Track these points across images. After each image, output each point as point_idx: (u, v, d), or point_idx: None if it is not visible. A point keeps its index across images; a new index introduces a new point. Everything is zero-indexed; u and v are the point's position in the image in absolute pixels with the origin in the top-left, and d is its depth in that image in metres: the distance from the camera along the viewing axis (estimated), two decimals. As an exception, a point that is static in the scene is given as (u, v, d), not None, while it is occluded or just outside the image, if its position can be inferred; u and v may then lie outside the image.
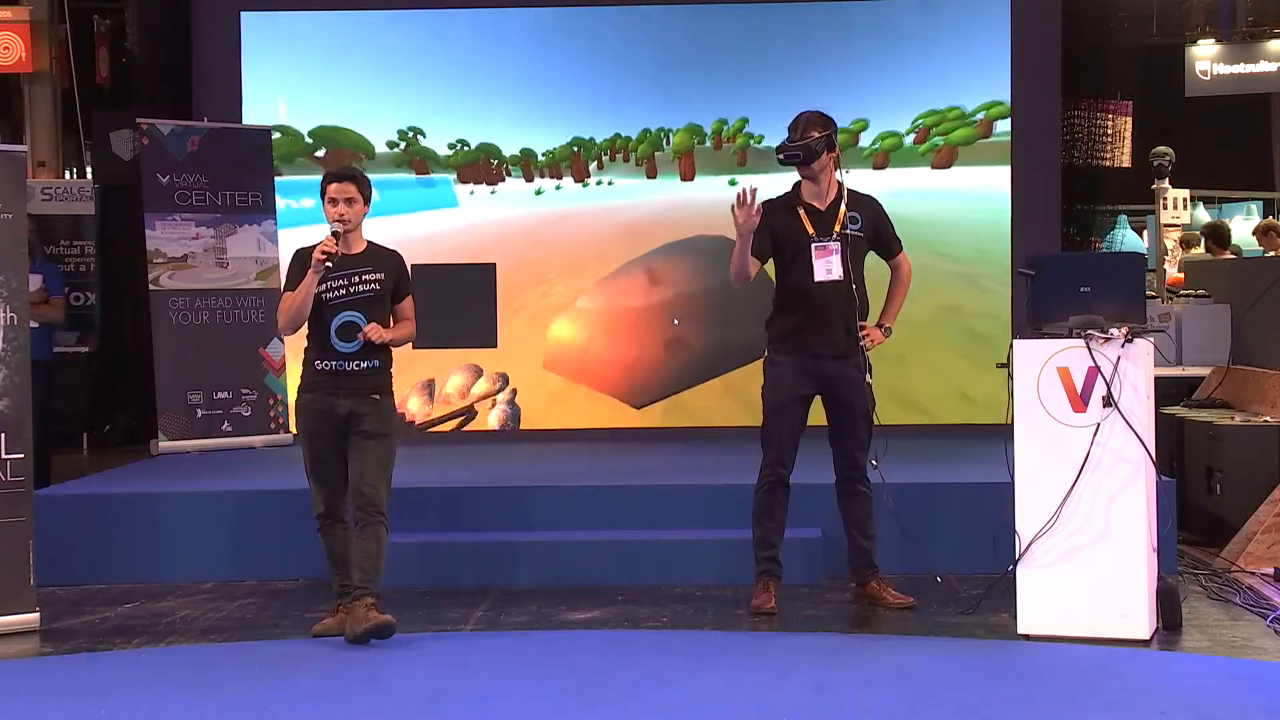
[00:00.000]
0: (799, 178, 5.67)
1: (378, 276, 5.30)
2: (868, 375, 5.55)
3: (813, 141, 5.53)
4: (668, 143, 8.87)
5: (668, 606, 5.82)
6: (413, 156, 8.80)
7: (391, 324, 5.36)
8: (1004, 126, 8.71)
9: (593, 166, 8.81)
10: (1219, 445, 6.84)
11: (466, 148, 8.72)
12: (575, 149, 8.81)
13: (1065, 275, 5.41)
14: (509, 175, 8.77)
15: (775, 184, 5.81)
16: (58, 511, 6.40)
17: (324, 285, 5.19)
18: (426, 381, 8.57)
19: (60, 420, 9.38)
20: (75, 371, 10.22)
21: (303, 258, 5.23)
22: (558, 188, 8.77)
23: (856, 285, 5.57)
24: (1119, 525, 5.10)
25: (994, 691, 4.57)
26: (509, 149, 8.82)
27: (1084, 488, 5.11)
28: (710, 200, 8.66)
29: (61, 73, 12.45)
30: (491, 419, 8.55)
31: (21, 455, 5.55)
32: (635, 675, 4.81)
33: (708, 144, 8.87)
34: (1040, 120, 8.70)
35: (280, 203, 8.66)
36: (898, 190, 8.38)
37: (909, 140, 8.80)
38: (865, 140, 8.82)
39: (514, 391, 8.61)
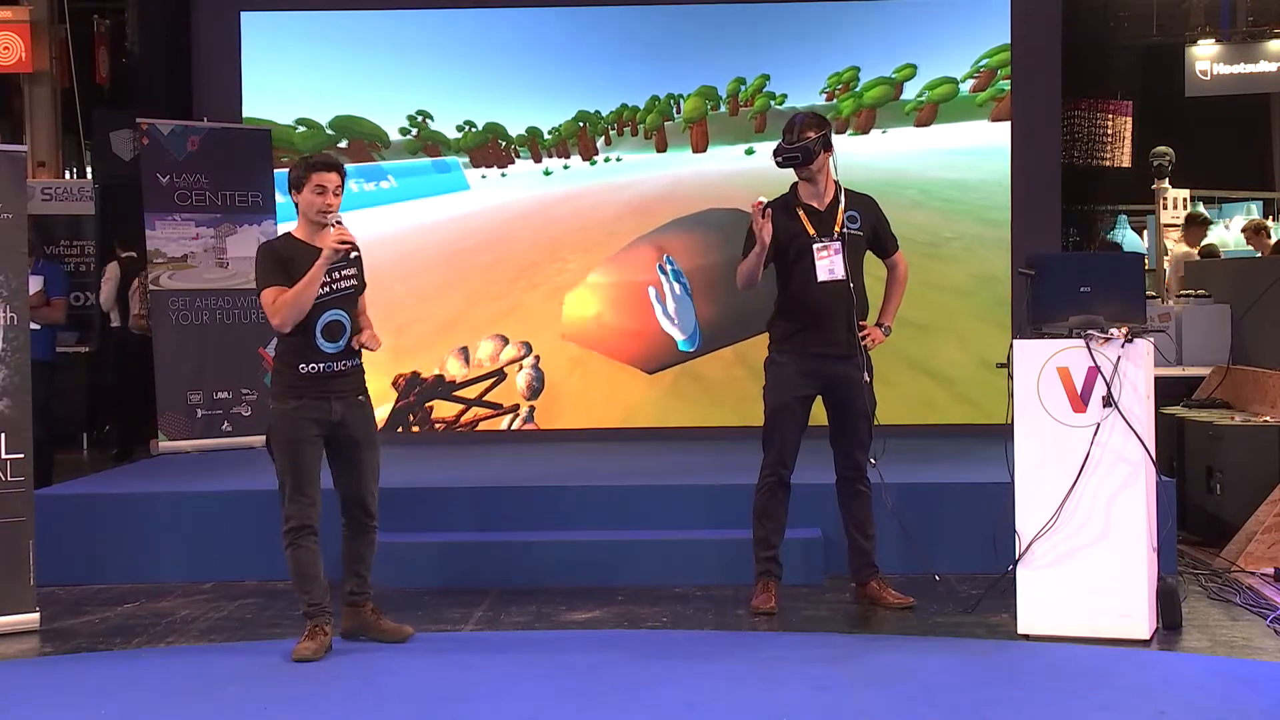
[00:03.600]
0: (795, 179, 5.68)
1: (353, 272, 5.15)
2: (866, 375, 5.55)
3: (810, 141, 5.53)
4: (678, 111, 8.71)
5: (668, 606, 5.82)
6: (425, 141, 8.80)
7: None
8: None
9: (600, 143, 8.76)
10: (1219, 445, 6.84)
11: (474, 129, 8.68)
12: (581, 124, 8.74)
13: (1065, 275, 5.41)
14: (518, 157, 8.75)
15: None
16: (58, 511, 6.40)
17: (292, 277, 4.99)
18: (462, 348, 8.70)
19: (60, 420, 9.40)
20: (75, 371, 10.23)
21: (276, 252, 5.04)
22: (565, 167, 8.75)
23: (856, 284, 5.57)
24: (1119, 525, 5.10)
25: (994, 691, 4.57)
26: (515, 128, 8.77)
27: (1084, 488, 5.11)
28: (723, 172, 8.57)
29: (61, 73, 12.46)
30: (519, 381, 8.71)
31: (21, 455, 5.55)
32: (635, 675, 4.81)
33: (723, 109, 8.71)
34: (1040, 120, 8.69)
35: (280, 198, 8.68)
36: (952, 149, 8.31)
37: (966, 87, 8.63)
38: (910, 91, 8.70)
39: (537, 357, 8.73)
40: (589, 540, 6.35)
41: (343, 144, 8.86)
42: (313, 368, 5.02)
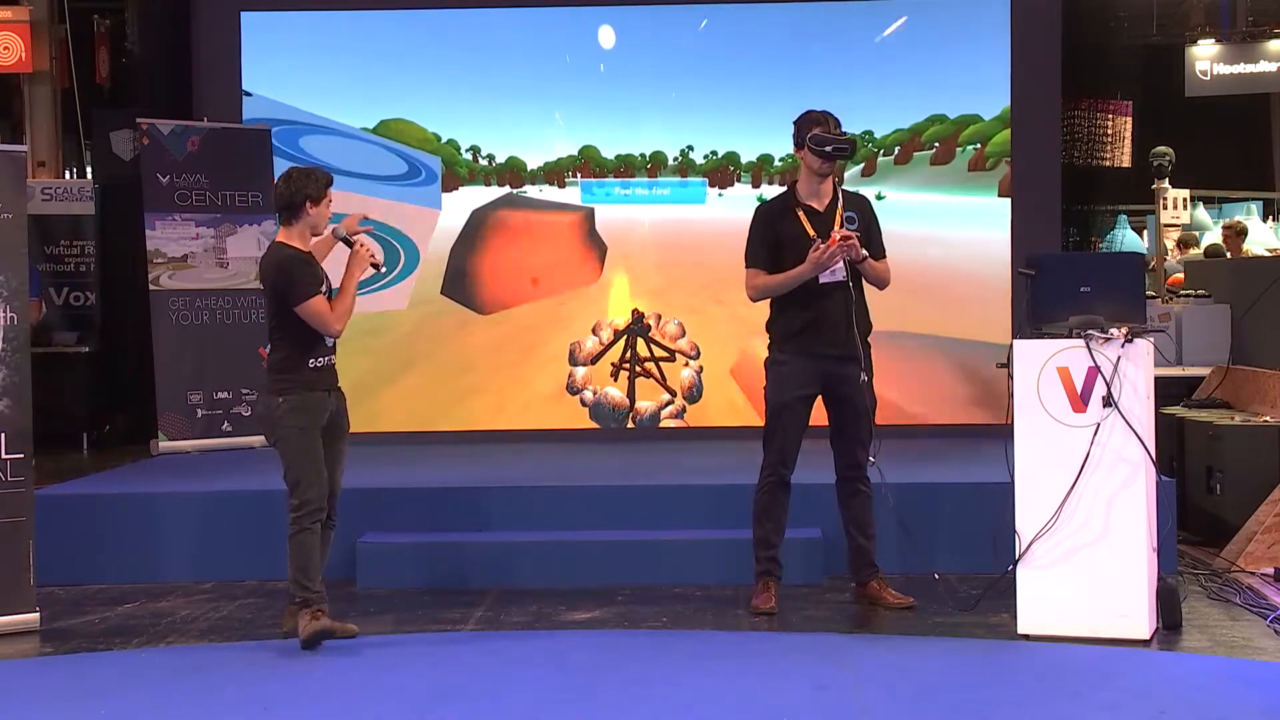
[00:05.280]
0: (790, 180, 5.71)
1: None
2: (866, 374, 5.54)
3: (849, 136, 5.59)
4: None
5: (668, 606, 5.82)
6: (683, 166, 9.03)
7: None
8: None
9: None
10: (1219, 445, 6.83)
11: (716, 156, 8.98)
12: None
13: (1065, 275, 5.41)
14: (739, 180, 8.95)
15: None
16: (58, 511, 6.40)
17: (324, 286, 5.29)
18: (657, 314, 8.90)
19: (60, 420, 9.39)
20: (75, 371, 10.21)
21: (311, 264, 5.24)
22: None
23: (856, 285, 5.57)
24: (1119, 525, 5.10)
25: (994, 691, 4.57)
26: (747, 155, 8.91)
27: (1084, 488, 5.11)
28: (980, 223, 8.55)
29: (61, 73, 12.43)
30: (684, 375, 8.86)
31: (21, 455, 5.55)
32: (635, 675, 4.81)
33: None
34: (1040, 120, 8.69)
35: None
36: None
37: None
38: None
39: (701, 368, 8.83)
40: (589, 540, 6.35)
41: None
42: (320, 361, 5.27)
